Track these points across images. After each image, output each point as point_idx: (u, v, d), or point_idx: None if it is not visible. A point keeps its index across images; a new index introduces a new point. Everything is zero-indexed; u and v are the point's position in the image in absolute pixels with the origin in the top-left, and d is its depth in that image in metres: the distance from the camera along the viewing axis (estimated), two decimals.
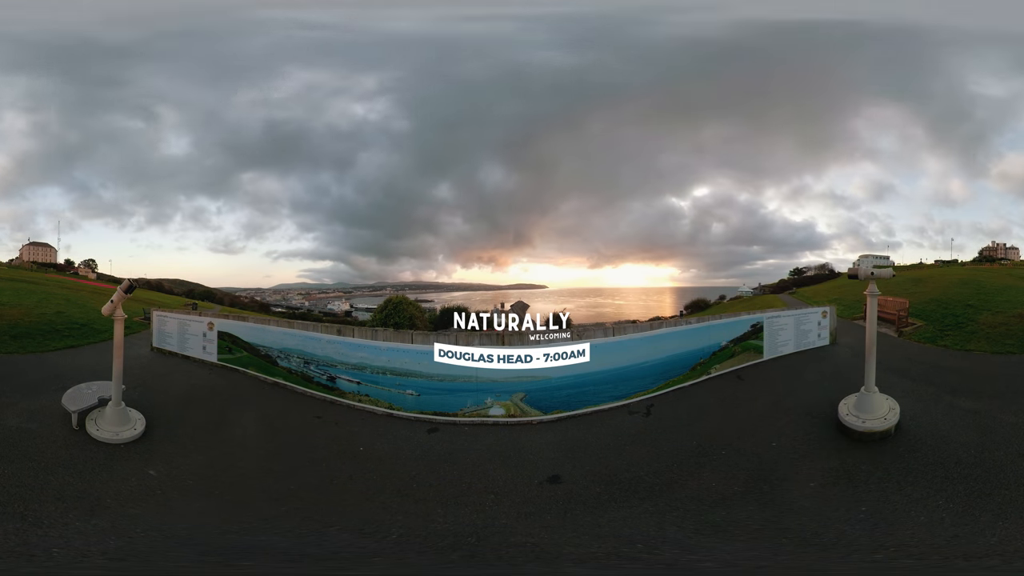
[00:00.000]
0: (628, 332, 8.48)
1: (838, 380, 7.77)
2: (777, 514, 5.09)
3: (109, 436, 6.52)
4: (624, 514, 5.26)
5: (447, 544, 4.81)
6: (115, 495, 5.41)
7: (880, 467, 5.73)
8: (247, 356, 9.45)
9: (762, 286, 25.34)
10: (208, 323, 10.12)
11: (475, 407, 7.68)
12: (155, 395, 8.05)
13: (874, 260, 6.53)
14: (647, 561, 4.53)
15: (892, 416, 6.39)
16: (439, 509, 5.42)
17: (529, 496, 5.70)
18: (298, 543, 4.82)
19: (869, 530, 4.73)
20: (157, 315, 11.32)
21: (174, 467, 6.10)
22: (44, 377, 8.73)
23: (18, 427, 6.65)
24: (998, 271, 20.34)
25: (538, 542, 4.83)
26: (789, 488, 5.54)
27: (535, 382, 7.73)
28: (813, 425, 6.81)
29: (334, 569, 4.51)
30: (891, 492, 5.30)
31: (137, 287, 6.93)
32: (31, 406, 7.29)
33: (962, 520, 4.76)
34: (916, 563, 4.29)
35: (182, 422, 7.24)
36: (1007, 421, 6.59)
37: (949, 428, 6.49)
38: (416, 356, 7.88)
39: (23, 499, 5.13)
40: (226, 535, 4.94)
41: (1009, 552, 4.31)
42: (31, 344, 11.46)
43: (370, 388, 8.11)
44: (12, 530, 4.65)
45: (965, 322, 12.33)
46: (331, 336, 8.57)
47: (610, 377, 8.01)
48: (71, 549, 4.48)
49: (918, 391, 7.73)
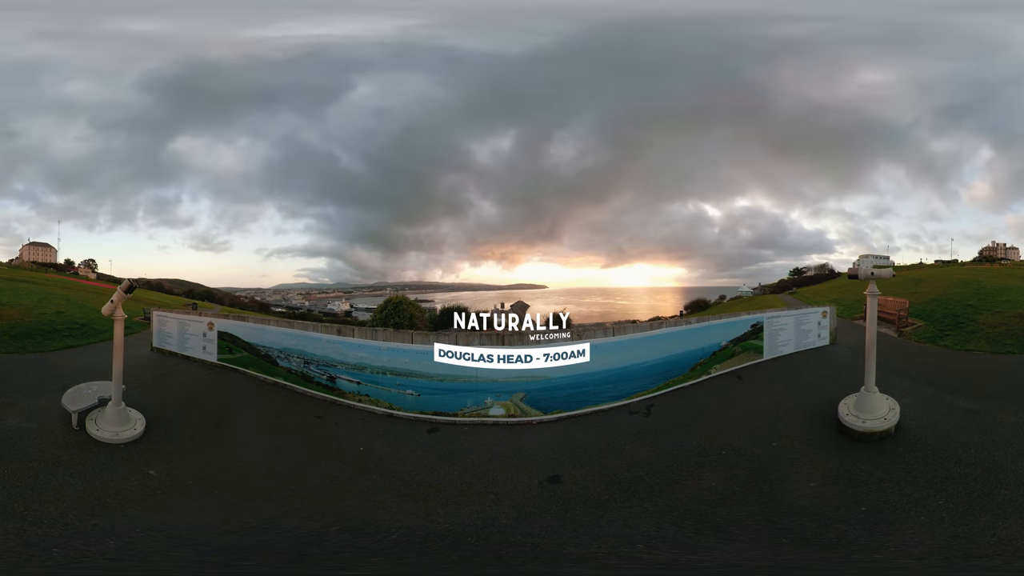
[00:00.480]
0: (628, 332, 8.48)
1: (838, 380, 7.77)
2: (777, 514, 5.09)
3: (109, 436, 6.52)
4: (624, 514, 5.25)
5: (447, 544, 4.81)
6: (115, 495, 5.41)
7: (880, 467, 5.73)
8: (247, 356, 9.45)
9: (762, 286, 25.36)
10: (208, 323, 10.11)
11: (475, 407, 7.68)
12: (155, 395, 8.05)
13: (874, 260, 6.52)
14: (647, 561, 4.53)
15: (892, 416, 6.39)
16: (439, 509, 5.42)
17: (529, 496, 5.70)
18: (298, 543, 4.82)
19: (869, 530, 4.73)
20: (157, 315, 11.32)
21: (174, 467, 6.10)
22: (44, 377, 8.73)
23: (18, 427, 6.65)
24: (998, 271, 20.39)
25: (538, 542, 4.82)
26: (789, 488, 5.54)
27: (535, 382, 7.73)
28: (813, 425, 6.81)
29: (334, 569, 4.51)
30: (891, 492, 5.29)
31: (137, 287, 6.93)
32: (31, 406, 7.29)
33: (962, 520, 4.76)
34: (916, 563, 4.29)
35: (182, 422, 7.24)
36: (1007, 421, 6.59)
37: (949, 428, 6.48)
38: (416, 356, 7.88)
39: (23, 499, 5.13)
40: (226, 535, 4.93)
41: (1009, 552, 4.31)
42: (31, 344, 11.47)
43: (370, 388, 8.11)
44: (12, 530, 4.65)
45: (965, 322, 12.33)
46: (331, 336, 8.57)
47: (610, 377, 8.01)
48: (71, 549, 4.48)
49: (918, 391, 7.73)
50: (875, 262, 6.51)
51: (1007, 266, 22.06)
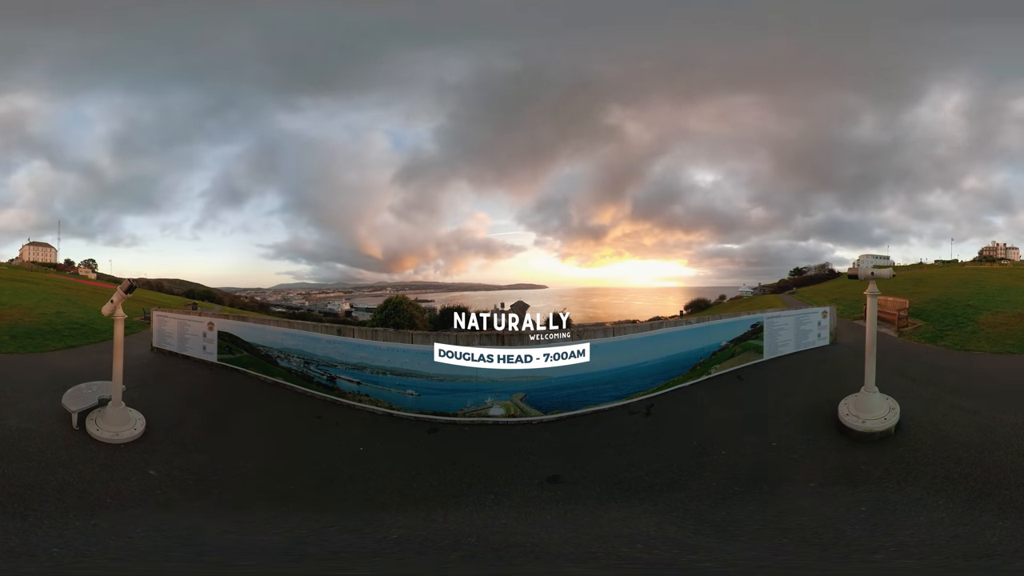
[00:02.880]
0: (628, 332, 8.48)
1: (838, 380, 7.77)
2: (777, 514, 5.09)
3: (109, 436, 6.52)
4: (624, 514, 5.25)
5: (447, 544, 4.80)
6: (115, 495, 5.41)
7: (880, 467, 5.73)
8: (247, 356, 9.45)
9: (762, 286, 25.36)
10: (208, 323, 10.11)
11: (475, 407, 7.67)
12: (155, 395, 8.05)
13: (874, 260, 6.52)
14: (647, 561, 4.52)
15: (892, 416, 6.39)
16: (439, 509, 5.42)
17: (529, 496, 5.70)
18: (298, 543, 4.82)
19: (869, 530, 4.72)
20: (157, 315, 11.32)
21: (174, 467, 6.09)
22: (44, 377, 8.73)
23: (18, 427, 6.65)
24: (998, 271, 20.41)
25: (538, 542, 4.82)
26: (789, 488, 5.54)
27: (535, 382, 7.73)
28: (813, 425, 6.81)
29: (334, 569, 4.51)
30: (891, 492, 5.29)
31: (137, 287, 6.94)
32: (31, 406, 7.29)
33: (962, 520, 4.75)
34: (916, 563, 4.28)
35: (182, 422, 7.24)
36: (1007, 421, 6.59)
37: (949, 428, 6.48)
38: (416, 356, 7.88)
39: (23, 499, 5.13)
40: (226, 535, 4.93)
41: (1009, 552, 4.31)
42: (31, 344, 11.47)
43: (370, 388, 8.11)
44: (12, 530, 4.64)
45: (965, 322, 12.34)
46: (331, 336, 8.57)
47: (610, 377, 8.01)
48: (71, 549, 4.47)
49: (918, 391, 7.73)
50: (875, 262, 6.51)
51: (1007, 266, 22.08)
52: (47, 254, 23.04)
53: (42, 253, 22.95)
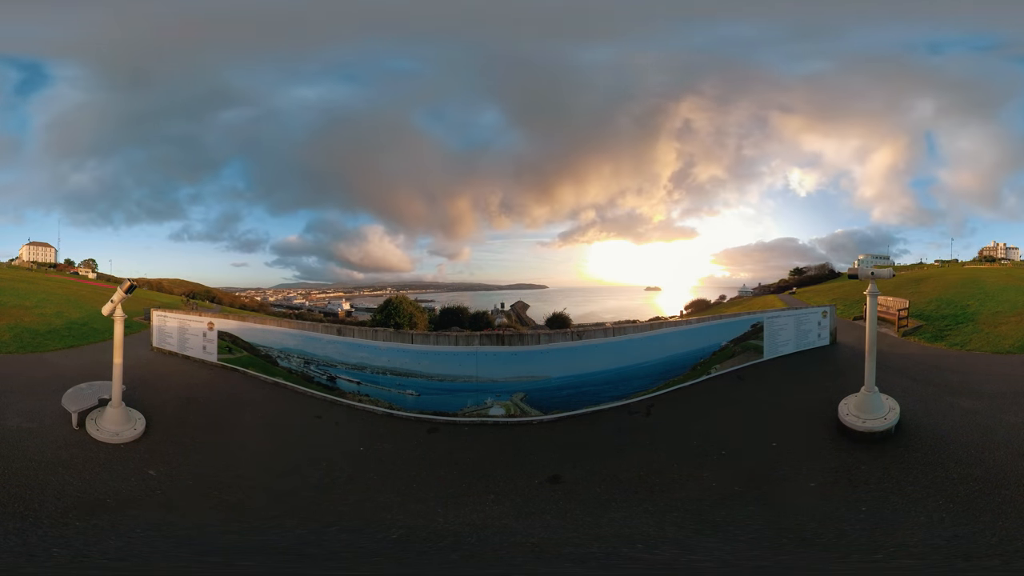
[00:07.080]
0: (628, 332, 8.48)
1: (838, 380, 7.77)
2: (777, 514, 5.09)
3: (109, 436, 6.52)
4: (624, 514, 5.25)
5: (447, 544, 4.81)
6: (115, 495, 5.41)
7: (880, 467, 5.73)
8: (247, 356, 9.45)
9: (762, 286, 25.36)
10: (208, 323, 10.12)
11: (475, 407, 7.67)
12: (155, 395, 8.05)
13: (874, 260, 6.52)
14: (647, 561, 4.52)
15: (892, 416, 6.39)
16: (439, 509, 5.42)
17: (529, 496, 5.70)
18: (298, 543, 4.82)
19: (869, 530, 4.72)
20: (157, 315, 11.32)
21: (174, 467, 6.09)
22: (44, 377, 8.73)
23: (18, 427, 6.65)
24: (998, 271, 20.40)
25: (538, 542, 4.82)
26: (789, 488, 5.54)
27: (535, 382, 7.73)
28: (813, 425, 6.80)
29: (334, 569, 4.51)
30: (891, 492, 5.29)
31: (137, 287, 6.94)
32: (31, 406, 7.29)
33: (962, 520, 4.75)
34: (916, 563, 4.28)
35: (182, 422, 7.24)
36: (1007, 421, 6.58)
37: (949, 428, 6.48)
38: (416, 356, 7.88)
39: (23, 499, 5.13)
40: (226, 535, 4.93)
41: (1009, 552, 4.30)
42: (31, 344, 11.47)
43: (370, 388, 8.11)
44: (12, 530, 4.64)
45: (965, 322, 12.34)
46: (331, 336, 8.57)
47: (610, 377, 8.01)
48: (71, 549, 4.47)
49: (918, 391, 7.73)
50: (875, 262, 6.51)
51: (1007, 266, 22.07)
52: (47, 254, 23.04)
53: (42, 253, 22.95)
